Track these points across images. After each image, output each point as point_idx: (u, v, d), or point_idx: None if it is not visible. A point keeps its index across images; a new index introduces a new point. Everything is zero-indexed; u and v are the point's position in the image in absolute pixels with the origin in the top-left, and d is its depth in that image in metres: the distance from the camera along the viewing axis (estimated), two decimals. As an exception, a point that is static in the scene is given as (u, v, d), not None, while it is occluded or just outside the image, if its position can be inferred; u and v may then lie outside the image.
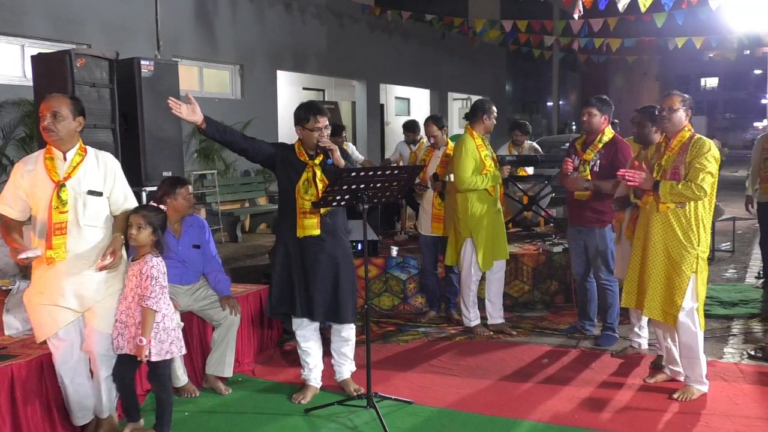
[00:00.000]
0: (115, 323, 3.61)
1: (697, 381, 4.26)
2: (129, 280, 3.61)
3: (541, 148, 9.84)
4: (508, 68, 27.74)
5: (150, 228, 3.59)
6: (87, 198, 3.52)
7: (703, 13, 11.72)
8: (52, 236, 3.43)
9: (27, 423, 3.46)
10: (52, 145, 3.53)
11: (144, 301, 3.53)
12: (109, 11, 10.90)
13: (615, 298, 5.29)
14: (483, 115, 5.57)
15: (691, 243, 4.16)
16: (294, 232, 4.18)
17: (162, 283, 3.61)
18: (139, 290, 3.55)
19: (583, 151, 5.27)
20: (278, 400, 4.35)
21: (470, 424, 3.99)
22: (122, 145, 6.75)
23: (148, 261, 3.58)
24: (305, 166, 4.18)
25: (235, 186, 12.39)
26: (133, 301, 3.58)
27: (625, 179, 4.22)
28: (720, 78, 62.23)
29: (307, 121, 4.16)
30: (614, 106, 5.42)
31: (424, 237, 6.06)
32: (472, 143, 5.49)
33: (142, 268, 3.56)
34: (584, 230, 5.28)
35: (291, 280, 4.24)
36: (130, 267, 3.65)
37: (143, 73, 6.80)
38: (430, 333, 5.76)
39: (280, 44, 14.90)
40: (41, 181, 3.49)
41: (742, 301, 6.49)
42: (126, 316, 3.60)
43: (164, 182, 4.62)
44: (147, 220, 3.59)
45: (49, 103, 3.52)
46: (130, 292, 3.59)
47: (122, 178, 3.72)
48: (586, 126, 5.28)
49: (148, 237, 3.59)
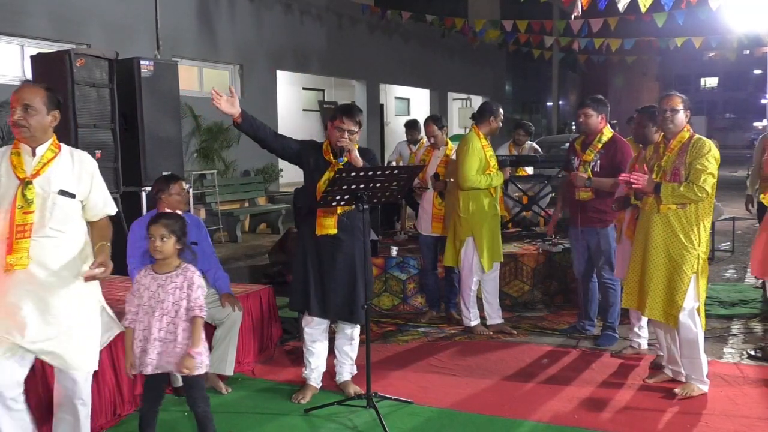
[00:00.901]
0: (153, 341, 3.33)
1: (698, 380, 4.26)
2: (169, 293, 3.36)
3: (541, 148, 9.84)
4: (508, 68, 27.78)
5: (174, 237, 3.40)
6: (57, 198, 3.09)
7: (703, 13, 11.73)
8: (13, 239, 2.99)
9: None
10: (22, 141, 3.11)
11: (196, 312, 3.35)
12: (109, 11, 10.91)
13: (617, 298, 5.29)
14: (491, 116, 5.58)
15: (692, 243, 4.16)
16: (313, 229, 4.21)
17: (206, 290, 3.51)
18: (185, 302, 3.35)
19: (583, 151, 5.28)
20: (278, 400, 4.35)
21: (470, 424, 3.99)
22: (122, 145, 6.76)
23: (190, 270, 3.42)
24: (329, 165, 4.20)
25: (234, 186, 12.39)
26: (177, 316, 3.36)
27: (630, 183, 4.22)
28: (720, 78, 62.22)
29: (335, 119, 4.21)
30: (614, 106, 5.43)
31: (424, 237, 6.06)
32: (477, 143, 5.50)
33: (185, 279, 3.39)
34: (587, 231, 5.28)
35: (307, 278, 4.26)
36: (157, 280, 3.39)
37: (143, 73, 6.80)
38: (430, 333, 5.75)
39: (280, 44, 14.90)
40: (4, 177, 3.07)
41: (741, 301, 6.49)
42: (166, 332, 3.36)
43: (158, 179, 4.63)
44: (169, 229, 3.40)
45: (20, 94, 3.10)
46: (172, 306, 3.35)
47: (100, 180, 3.33)
48: (583, 127, 5.31)
49: (173, 247, 3.41)
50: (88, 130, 6.40)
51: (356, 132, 4.20)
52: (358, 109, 4.29)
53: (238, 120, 4.05)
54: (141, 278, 3.44)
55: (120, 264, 6.05)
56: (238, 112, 4.02)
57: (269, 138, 4.22)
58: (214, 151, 12.44)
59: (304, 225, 4.35)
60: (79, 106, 6.28)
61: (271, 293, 5.30)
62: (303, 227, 4.38)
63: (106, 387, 3.89)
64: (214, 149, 12.46)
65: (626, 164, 4.97)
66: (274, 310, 5.30)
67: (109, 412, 3.91)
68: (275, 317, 5.30)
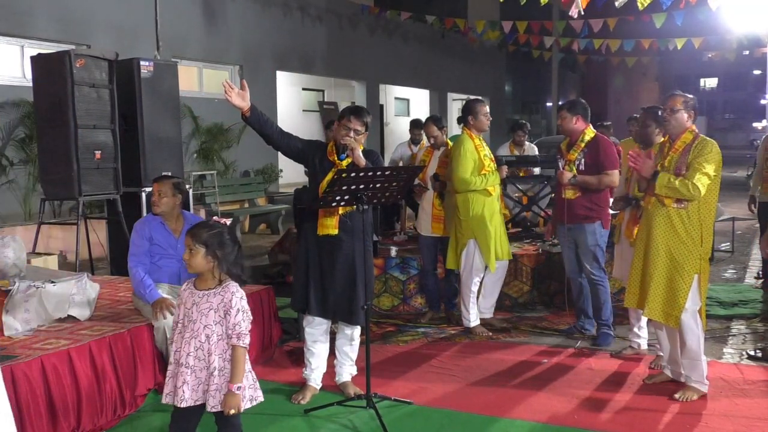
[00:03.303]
0: (182, 368, 2.96)
1: (698, 381, 4.25)
2: (202, 314, 2.97)
3: (541, 149, 9.87)
4: (508, 69, 27.77)
5: (202, 248, 2.99)
6: None
7: (702, 13, 11.74)
8: None
9: (31, 423, 3.45)
10: None
11: (237, 340, 2.92)
12: (110, 12, 10.91)
13: (607, 295, 5.34)
14: (469, 116, 5.62)
15: (694, 243, 4.15)
16: (315, 230, 4.24)
17: (250, 315, 3.02)
18: (218, 328, 2.95)
19: (568, 152, 5.39)
20: (278, 401, 4.34)
21: (470, 425, 3.99)
22: (122, 146, 6.76)
23: (230, 291, 2.98)
24: (332, 166, 4.22)
25: (234, 186, 12.38)
26: (208, 342, 2.95)
27: (630, 162, 4.25)
28: (719, 78, 62.29)
29: (342, 117, 4.27)
30: (613, 106, 5.48)
31: (424, 237, 6.06)
32: (470, 143, 5.50)
33: (222, 301, 2.96)
34: (573, 228, 5.32)
35: (308, 278, 4.27)
36: (193, 296, 3.04)
37: (143, 73, 6.81)
38: (430, 333, 5.75)
39: (280, 45, 14.91)
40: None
41: (741, 302, 6.49)
42: (195, 359, 2.96)
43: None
44: (196, 240, 2.99)
45: None
46: (203, 330, 2.96)
47: None
48: (561, 129, 5.49)
49: (203, 260, 3.00)
50: (87, 130, 6.41)
51: (362, 133, 4.24)
52: (366, 111, 4.34)
53: (247, 114, 4.09)
54: (182, 291, 3.12)
55: (121, 264, 6.08)
56: (247, 106, 4.06)
57: (275, 135, 4.25)
58: (213, 151, 12.44)
59: (306, 225, 4.36)
60: (78, 107, 6.29)
61: (271, 294, 5.30)
62: (304, 227, 4.39)
63: (106, 387, 3.89)
64: (213, 150, 12.47)
65: (609, 162, 5.16)
66: (274, 311, 5.31)
67: (110, 412, 3.91)
68: (275, 318, 5.31)
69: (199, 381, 2.97)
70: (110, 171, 6.69)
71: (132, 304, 4.63)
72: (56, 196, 7.01)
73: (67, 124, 6.26)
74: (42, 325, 4.17)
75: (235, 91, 4.01)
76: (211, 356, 2.94)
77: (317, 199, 4.10)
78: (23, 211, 9.34)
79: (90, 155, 6.44)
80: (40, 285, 4.17)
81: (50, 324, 4.22)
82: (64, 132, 6.28)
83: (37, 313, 4.15)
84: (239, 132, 12.48)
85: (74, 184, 6.34)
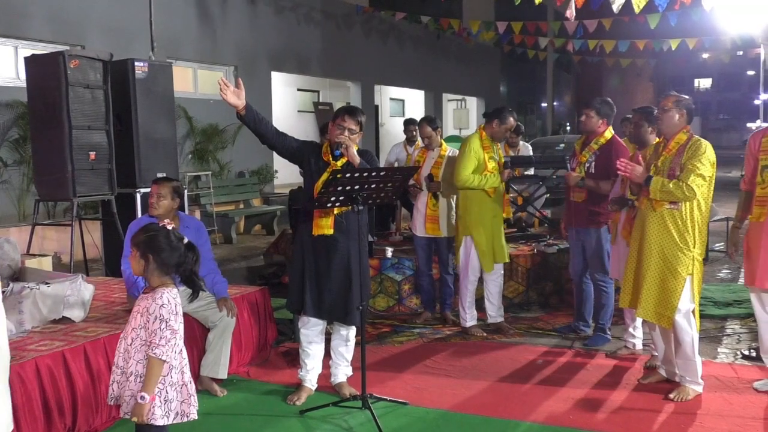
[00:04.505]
0: (114, 367, 2.96)
1: (692, 381, 4.27)
2: (133, 317, 2.91)
3: (536, 149, 9.89)
4: (503, 69, 27.79)
5: (136, 251, 2.92)
6: None
7: (696, 14, 11.77)
8: None
9: (26, 424, 3.45)
10: None
11: (151, 350, 2.80)
12: (104, 13, 10.87)
13: (609, 299, 5.32)
14: (495, 119, 5.63)
15: (687, 245, 4.16)
16: (310, 230, 4.24)
17: (174, 326, 2.85)
18: (145, 333, 2.85)
19: (581, 152, 5.32)
20: (273, 402, 4.34)
21: (465, 425, 3.99)
22: (116, 147, 6.75)
23: (157, 298, 2.86)
24: (327, 166, 4.22)
25: (229, 187, 12.38)
26: (133, 345, 2.87)
27: (620, 170, 4.24)
28: (713, 79, 62.49)
29: (337, 117, 4.28)
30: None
31: (419, 238, 6.06)
32: (477, 142, 5.54)
33: (149, 306, 2.86)
34: (581, 231, 5.31)
35: (303, 278, 4.27)
36: (137, 301, 2.98)
37: (137, 74, 6.80)
38: (425, 334, 5.76)
39: (275, 45, 14.89)
40: None
41: (735, 302, 6.51)
42: (123, 360, 2.91)
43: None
44: (132, 242, 2.97)
45: None
46: (131, 331, 2.89)
47: None
48: (582, 126, 5.35)
49: (137, 263, 2.93)
50: (82, 131, 6.40)
51: (356, 132, 4.25)
52: (360, 111, 4.36)
53: (242, 112, 4.08)
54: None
55: (115, 265, 6.07)
56: (243, 105, 4.05)
57: (270, 134, 4.24)
58: (208, 152, 12.42)
59: (302, 225, 4.36)
60: (73, 108, 6.28)
61: (267, 294, 5.30)
62: (300, 228, 4.39)
63: (102, 387, 3.87)
64: (208, 151, 12.44)
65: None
66: (270, 312, 5.30)
67: (104, 414, 3.90)
68: (270, 318, 5.30)
69: (122, 382, 2.92)
70: (105, 172, 6.68)
71: (126, 306, 4.62)
72: (51, 197, 7.00)
73: (62, 125, 6.25)
74: (36, 327, 4.16)
75: (230, 89, 4.00)
76: (130, 360, 2.87)
77: (312, 200, 4.11)
78: (17, 212, 9.31)
79: (84, 156, 6.43)
80: (35, 286, 4.16)
81: (45, 325, 4.20)
82: (59, 133, 6.27)
83: (31, 315, 4.14)
84: (234, 133, 12.46)
85: (68, 185, 6.33)
